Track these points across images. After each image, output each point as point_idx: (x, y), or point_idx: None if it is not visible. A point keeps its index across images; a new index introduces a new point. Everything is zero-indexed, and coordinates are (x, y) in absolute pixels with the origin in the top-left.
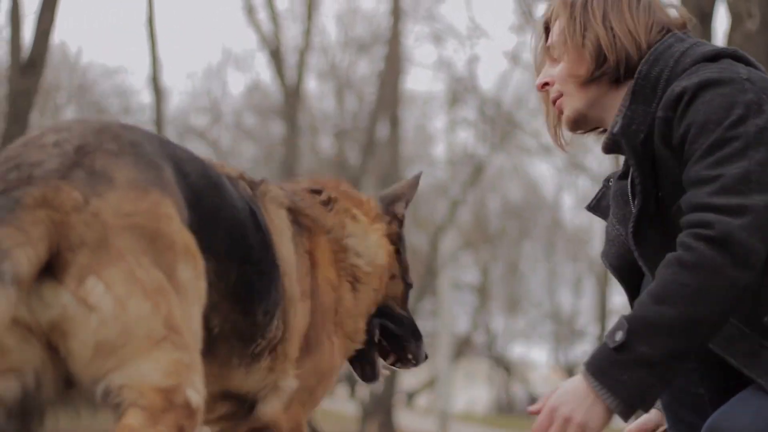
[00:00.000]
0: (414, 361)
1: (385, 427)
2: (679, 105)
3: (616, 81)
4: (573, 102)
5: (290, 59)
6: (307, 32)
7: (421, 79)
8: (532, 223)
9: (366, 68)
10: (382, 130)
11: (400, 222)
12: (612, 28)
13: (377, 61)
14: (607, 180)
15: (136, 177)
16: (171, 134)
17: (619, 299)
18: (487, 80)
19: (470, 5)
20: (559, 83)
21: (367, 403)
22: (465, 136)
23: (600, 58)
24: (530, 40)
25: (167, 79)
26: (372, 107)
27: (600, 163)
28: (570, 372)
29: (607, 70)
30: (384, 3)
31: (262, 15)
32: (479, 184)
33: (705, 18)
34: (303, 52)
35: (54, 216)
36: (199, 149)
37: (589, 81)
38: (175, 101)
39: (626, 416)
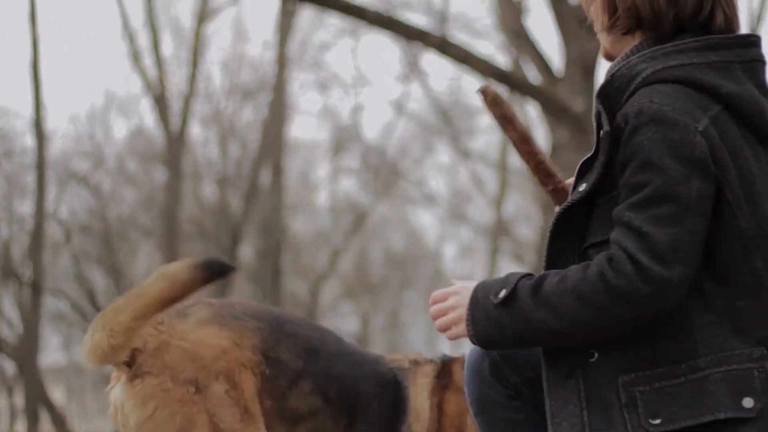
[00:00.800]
0: None
1: None
2: (628, 124)
3: (629, 31)
4: (602, 41)
5: (174, 105)
6: (192, 78)
7: (305, 127)
8: (413, 273)
9: (250, 115)
10: (265, 178)
11: None
12: None
13: (262, 108)
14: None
15: None
16: (52, 179)
17: None
18: (371, 129)
19: (356, 54)
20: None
21: None
22: (348, 185)
23: (612, 8)
24: None
25: (50, 121)
26: (255, 154)
27: (482, 214)
28: None
29: (618, 22)
30: (269, 50)
31: (148, 60)
32: (361, 232)
33: (588, 71)
34: (187, 98)
35: None
36: (80, 194)
37: (609, 28)
38: (57, 144)
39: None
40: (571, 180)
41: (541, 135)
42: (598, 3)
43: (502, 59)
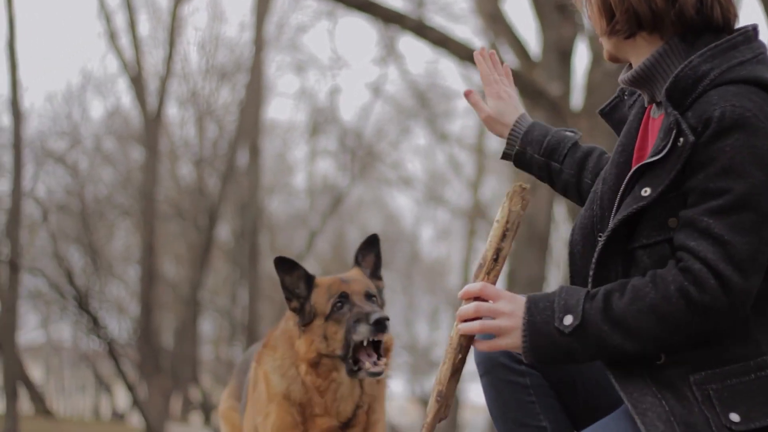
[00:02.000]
0: None
1: None
2: (708, 128)
3: (631, 35)
4: (604, 44)
5: (151, 85)
6: (169, 59)
7: (282, 109)
8: (390, 255)
9: (227, 96)
10: (242, 159)
11: None
12: None
13: (239, 90)
14: (623, 92)
15: None
16: (29, 157)
17: None
18: (348, 111)
19: (333, 36)
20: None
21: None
22: (325, 167)
23: (609, 14)
24: None
25: (27, 100)
26: (232, 135)
27: (459, 196)
28: (425, 403)
29: (617, 27)
30: (247, 32)
31: (124, 40)
32: (338, 214)
33: (565, 56)
34: (164, 78)
35: None
36: (57, 173)
37: (609, 33)
38: (34, 124)
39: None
40: None
41: None
42: (595, 8)
43: (479, 43)
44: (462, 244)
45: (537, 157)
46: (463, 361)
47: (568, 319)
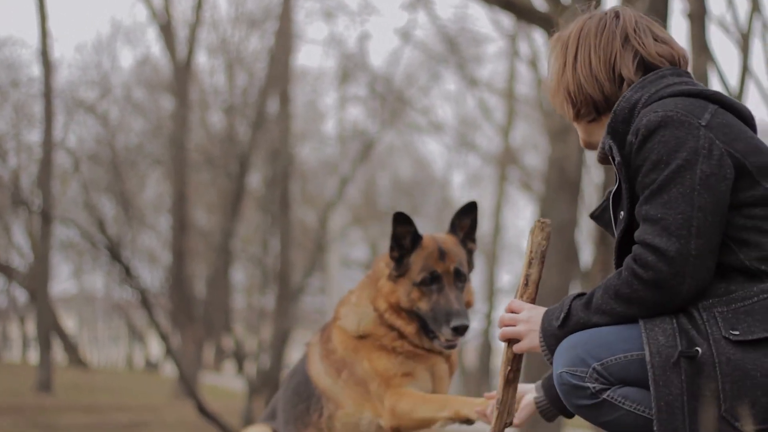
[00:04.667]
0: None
1: None
2: (637, 137)
3: (594, 119)
4: (578, 132)
5: (181, 34)
6: (198, 7)
7: (311, 56)
8: (421, 201)
9: (257, 44)
10: (272, 106)
11: None
12: (577, 74)
13: (268, 37)
14: (610, 192)
15: None
16: (59, 108)
17: (507, 278)
18: (377, 57)
19: None
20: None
21: (254, 379)
22: (355, 113)
23: (573, 103)
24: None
25: (56, 51)
26: (262, 83)
27: (490, 141)
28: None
29: (581, 112)
30: None
31: None
32: (369, 161)
33: None
34: (193, 26)
35: None
36: (88, 123)
37: (576, 118)
38: (64, 74)
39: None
40: None
41: (545, 64)
42: (562, 99)
43: None
44: (493, 189)
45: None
46: (514, 371)
47: (562, 315)
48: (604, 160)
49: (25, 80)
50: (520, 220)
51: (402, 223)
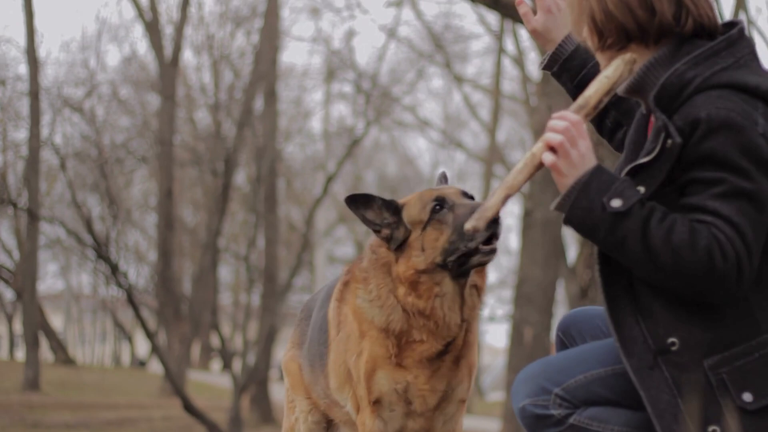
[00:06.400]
0: None
1: (259, 400)
2: (696, 131)
3: (622, 48)
4: (600, 60)
5: (167, 32)
6: (184, 4)
7: (297, 53)
8: None
9: (242, 41)
10: (258, 104)
11: None
12: (605, 2)
13: (254, 35)
14: (631, 162)
15: None
16: (46, 105)
17: (493, 275)
18: (363, 54)
19: None
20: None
21: (240, 376)
22: (341, 110)
23: (600, 32)
24: None
25: (43, 48)
26: (248, 80)
27: (476, 137)
28: None
29: (609, 42)
30: None
31: None
32: (355, 158)
33: None
34: (180, 24)
35: None
36: (74, 121)
37: (602, 49)
38: (50, 72)
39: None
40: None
41: (533, 59)
42: (587, 27)
43: None
44: (479, 186)
45: (569, 85)
46: (530, 177)
47: (617, 203)
48: (632, 92)
49: (12, 78)
50: (506, 217)
51: (364, 204)
